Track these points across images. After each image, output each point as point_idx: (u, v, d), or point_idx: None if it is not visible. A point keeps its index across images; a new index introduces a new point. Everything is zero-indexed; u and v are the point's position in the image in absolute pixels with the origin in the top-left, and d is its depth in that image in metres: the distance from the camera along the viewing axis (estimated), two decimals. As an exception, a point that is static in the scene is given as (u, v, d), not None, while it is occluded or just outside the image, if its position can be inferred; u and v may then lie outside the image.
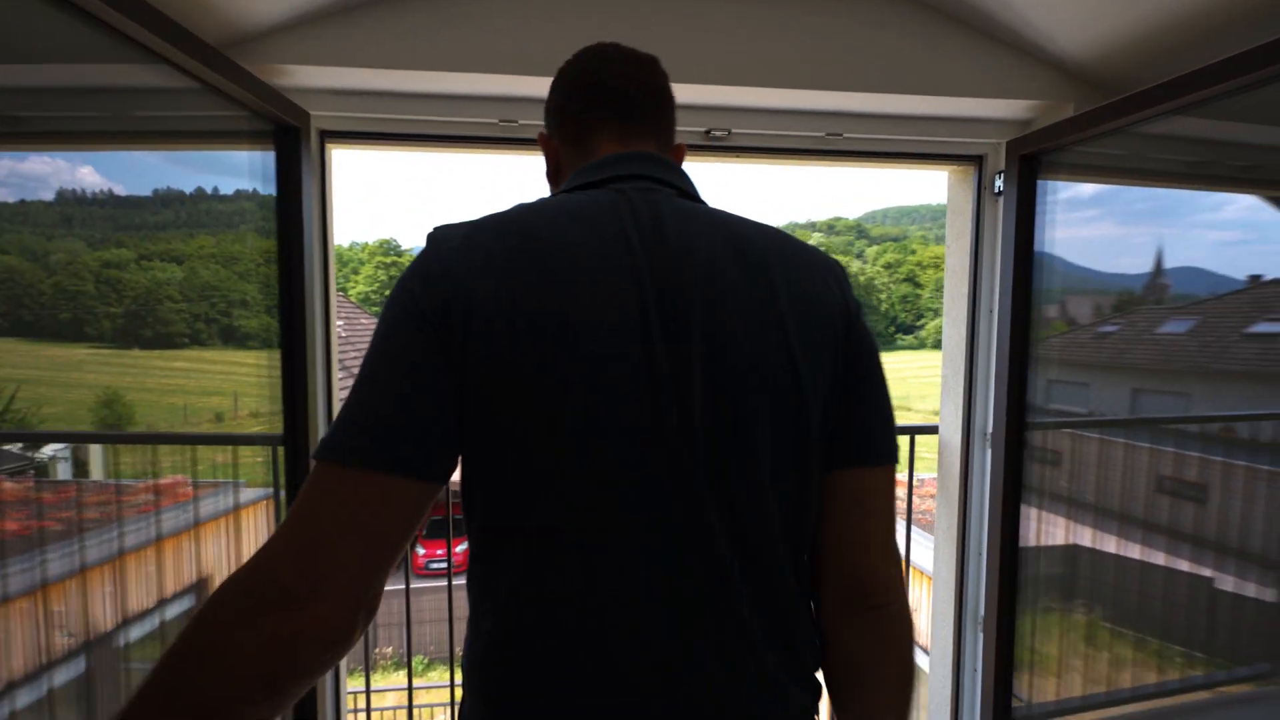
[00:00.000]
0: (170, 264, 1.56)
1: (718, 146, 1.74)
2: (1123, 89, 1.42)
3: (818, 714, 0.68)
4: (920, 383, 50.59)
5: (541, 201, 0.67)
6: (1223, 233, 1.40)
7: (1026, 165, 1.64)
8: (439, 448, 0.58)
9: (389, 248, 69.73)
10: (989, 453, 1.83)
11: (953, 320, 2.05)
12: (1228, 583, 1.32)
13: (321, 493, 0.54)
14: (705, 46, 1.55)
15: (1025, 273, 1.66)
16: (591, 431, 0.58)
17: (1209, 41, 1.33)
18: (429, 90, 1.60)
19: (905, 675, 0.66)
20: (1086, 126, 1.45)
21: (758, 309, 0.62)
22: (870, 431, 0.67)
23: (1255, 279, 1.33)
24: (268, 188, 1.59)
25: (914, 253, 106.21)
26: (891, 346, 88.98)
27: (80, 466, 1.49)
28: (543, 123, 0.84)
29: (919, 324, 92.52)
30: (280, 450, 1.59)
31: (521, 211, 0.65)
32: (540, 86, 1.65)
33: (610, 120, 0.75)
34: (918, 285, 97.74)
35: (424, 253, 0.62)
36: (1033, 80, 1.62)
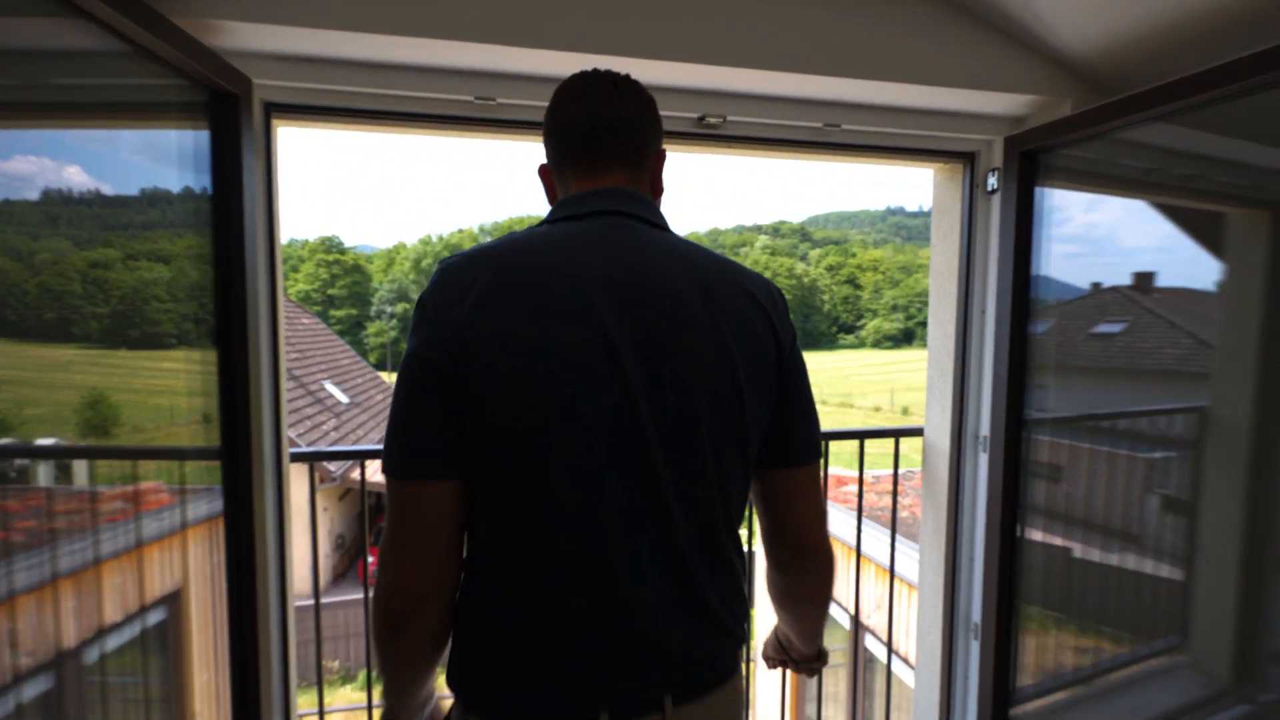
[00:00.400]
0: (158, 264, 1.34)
1: (711, 135, 1.63)
2: (1124, 89, 1.39)
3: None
4: (861, 380, 52.42)
5: (529, 235, 0.79)
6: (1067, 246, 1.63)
7: (1026, 162, 1.60)
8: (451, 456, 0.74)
9: (331, 245, 66.94)
10: (984, 456, 1.79)
11: (939, 321, 2.01)
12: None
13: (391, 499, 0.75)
14: (702, 24, 1.43)
15: (1024, 272, 1.62)
16: (579, 444, 0.72)
17: (1221, 41, 1.31)
18: (393, 60, 1.42)
19: (827, 597, 0.93)
20: (1091, 124, 1.41)
21: (711, 332, 0.75)
22: (803, 442, 0.85)
23: (1096, 286, 1.63)
24: (201, 178, 1.36)
25: (854, 256, 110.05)
26: (834, 345, 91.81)
27: (62, 472, 1.23)
28: (524, 102, 1.05)
29: (859, 324, 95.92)
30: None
31: (513, 248, 0.77)
32: (522, 60, 1.52)
33: (576, 158, 0.85)
34: (858, 287, 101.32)
35: (428, 304, 0.75)
36: (1031, 74, 1.58)
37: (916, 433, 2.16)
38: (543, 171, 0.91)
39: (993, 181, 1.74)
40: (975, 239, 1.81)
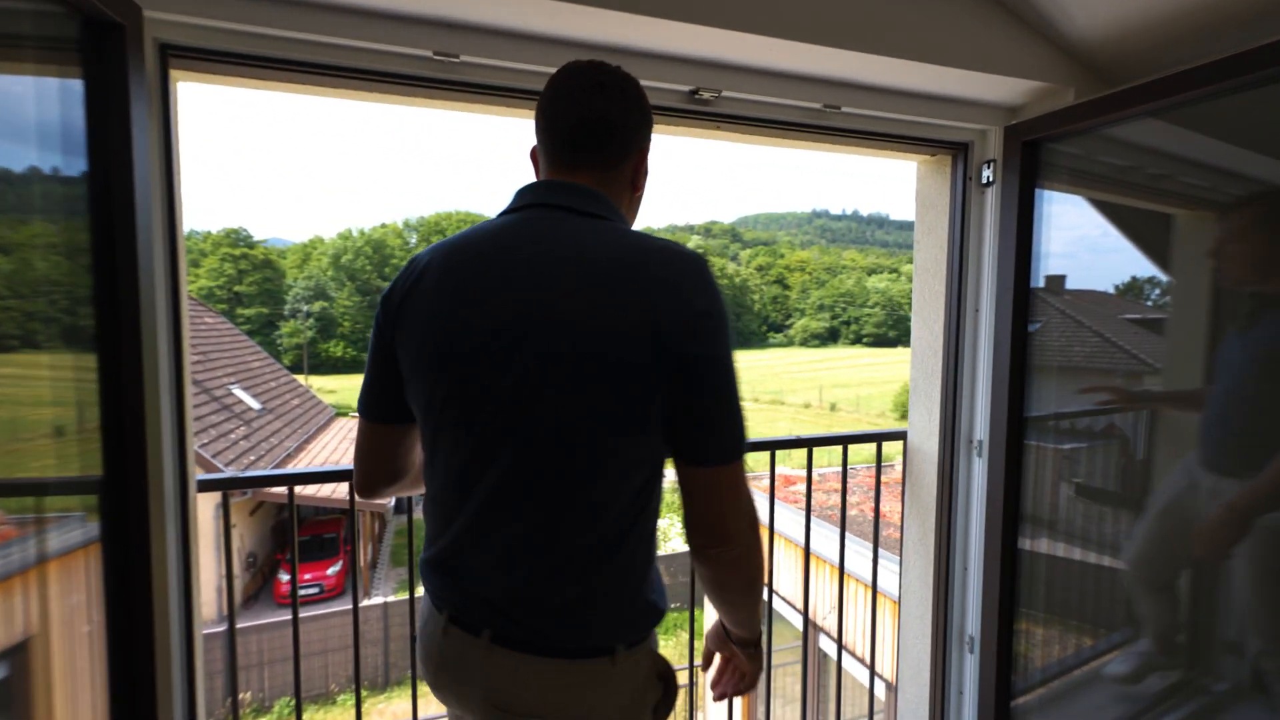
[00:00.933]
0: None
1: (703, 114, 1.46)
2: (1129, 80, 1.33)
3: (642, 628, 0.88)
4: (791, 378, 54.12)
5: (480, 224, 0.87)
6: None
7: (1028, 153, 1.52)
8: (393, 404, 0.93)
9: (239, 238, 62.27)
10: (978, 461, 1.72)
11: (924, 320, 1.93)
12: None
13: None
14: (699, -19, 1.25)
15: (1025, 269, 1.55)
16: (465, 404, 0.82)
17: (1236, 31, 1.26)
18: (330, 0, 1.16)
19: (748, 586, 0.90)
20: (1102, 112, 1.34)
21: (591, 319, 0.77)
22: (716, 444, 0.82)
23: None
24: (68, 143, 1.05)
25: (783, 257, 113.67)
26: (764, 344, 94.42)
27: None
28: (492, 63, 1.11)
29: (788, 323, 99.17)
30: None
31: (462, 235, 0.87)
32: (494, 10, 1.29)
33: (554, 155, 0.89)
34: (786, 287, 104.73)
35: (394, 280, 0.90)
36: (1036, 59, 1.50)
37: (898, 436, 2.07)
38: (533, 154, 0.95)
39: (988, 174, 1.66)
40: (968, 234, 1.73)
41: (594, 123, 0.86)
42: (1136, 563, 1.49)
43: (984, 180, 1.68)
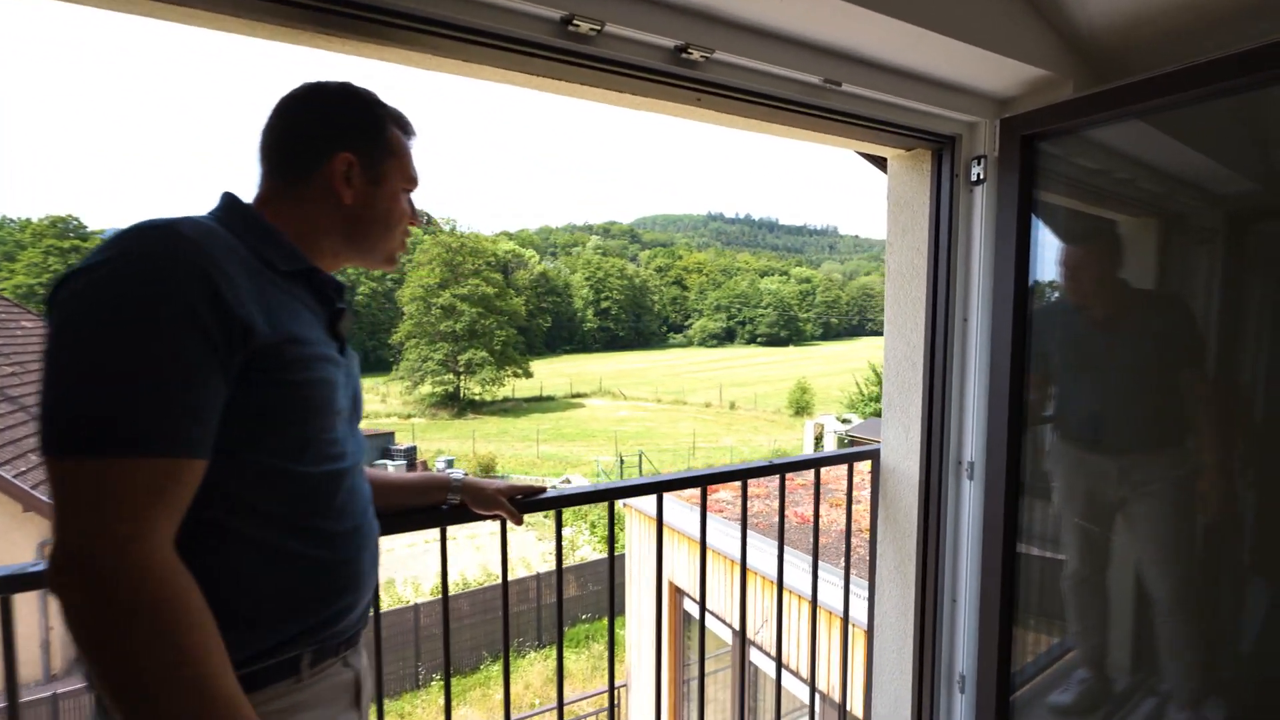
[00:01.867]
0: None
1: (688, 81, 1.18)
2: (1134, 73, 1.22)
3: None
4: (691, 378, 55.36)
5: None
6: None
7: (1027, 149, 1.39)
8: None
9: (67, 227, 53.91)
10: (968, 484, 1.58)
11: (899, 330, 1.78)
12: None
13: None
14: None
15: (1024, 275, 1.42)
16: None
17: (1250, 23, 1.17)
18: None
19: (96, 659, 0.59)
20: (1117, 103, 1.22)
21: None
22: (39, 425, 0.64)
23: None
24: None
25: (681, 258, 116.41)
26: (665, 345, 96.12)
27: None
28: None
29: (687, 323, 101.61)
30: None
31: None
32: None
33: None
34: (685, 288, 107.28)
35: None
36: (1037, 44, 1.36)
37: (867, 456, 1.92)
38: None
39: (978, 171, 1.52)
40: (955, 237, 1.59)
41: (264, 135, 0.87)
42: (1069, 575, 1.43)
43: (974, 178, 1.54)
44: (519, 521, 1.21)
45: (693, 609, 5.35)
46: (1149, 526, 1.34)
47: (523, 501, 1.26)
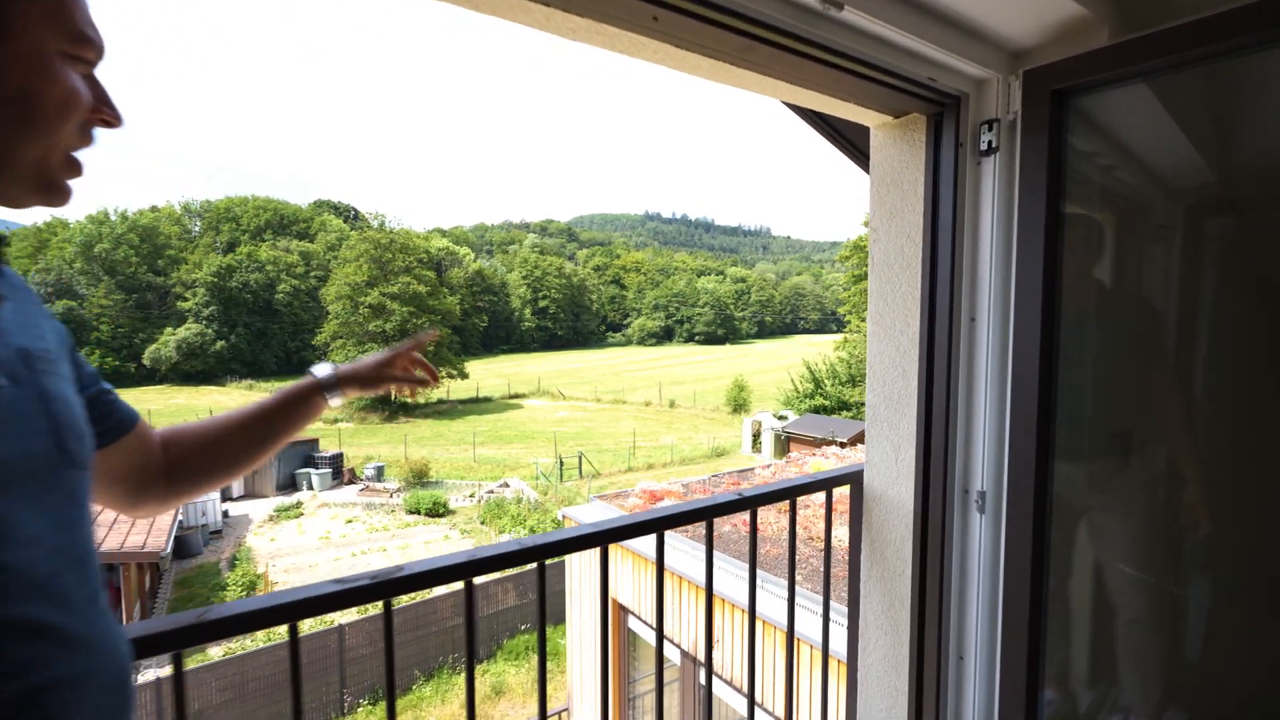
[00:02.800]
0: None
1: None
2: (1175, 18, 0.97)
3: None
4: (631, 376, 55.20)
5: None
6: None
7: (1059, 105, 1.12)
8: None
9: None
10: (980, 519, 1.30)
11: (886, 332, 1.50)
12: None
13: None
14: None
15: (1054, 262, 1.15)
16: None
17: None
18: None
19: None
20: (1167, 50, 0.96)
21: None
22: None
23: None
24: None
25: (619, 257, 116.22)
26: (603, 343, 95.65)
27: None
28: None
29: (625, 322, 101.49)
30: None
31: None
32: None
33: None
34: (623, 287, 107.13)
35: None
36: (1072, -21, 1.10)
37: (846, 480, 1.63)
38: None
39: (989, 138, 1.25)
40: (961, 219, 1.31)
41: None
42: (1121, 628, 1.19)
43: (983, 146, 1.26)
44: (434, 380, 1.08)
45: (637, 627, 5.03)
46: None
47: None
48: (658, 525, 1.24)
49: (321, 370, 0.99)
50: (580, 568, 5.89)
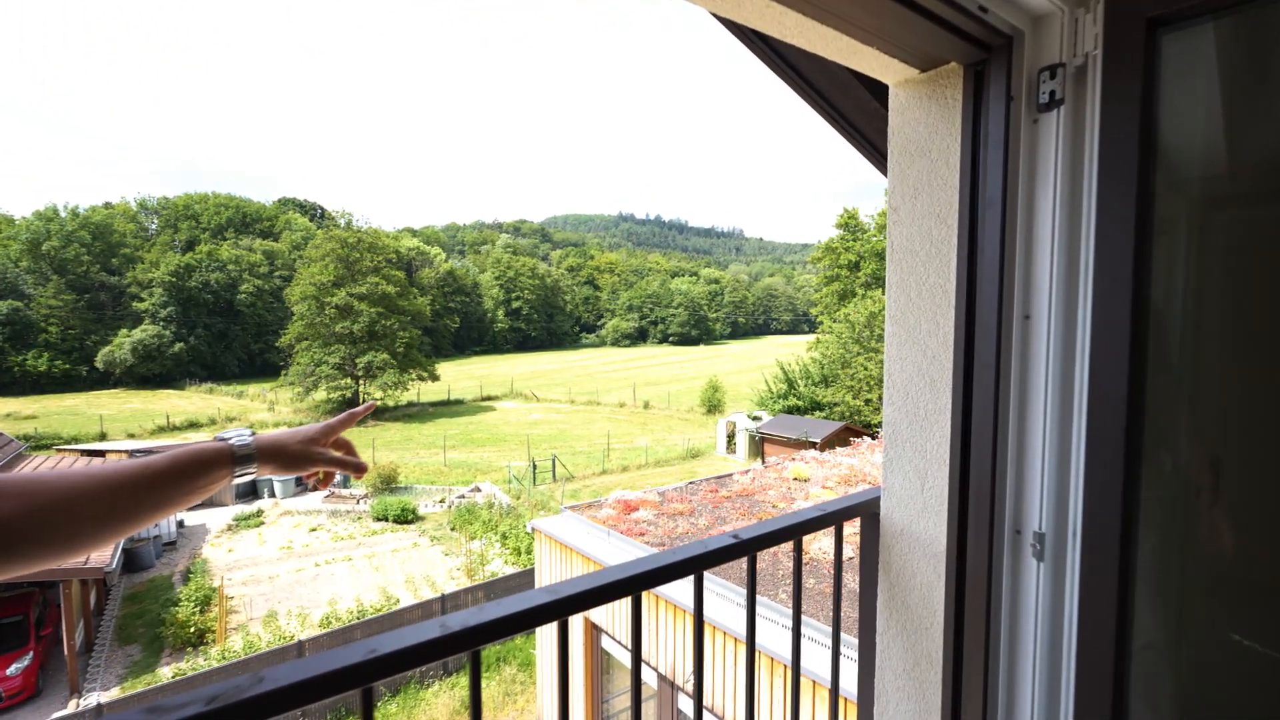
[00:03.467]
0: None
1: None
2: None
3: None
4: (605, 378, 54.81)
5: None
6: None
7: (1154, 38, 0.86)
8: None
9: None
10: (1037, 568, 1.04)
11: (908, 333, 1.23)
12: None
13: None
14: None
15: (1146, 240, 0.89)
16: None
17: None
18: None
19: None
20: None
21: None
22: None
23: None
24: None
25: (592, 258, 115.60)
26: (577, 344, 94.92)
27: None
28: None
29: (599, 323, 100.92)
30: None
31: None
32: None
33: None
34: (597, 288, 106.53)
35: None
36: None
37: (857, 512, 1.35)
38: None
39: (1051, 88, 0.99)
40: (1012, 192, 1.04)
41: None
42: None
43: (1042, 99, 1.00)
44: (360, 472, 0.93)
45: (611, 647, 4.73)
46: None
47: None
48: (634, 585, 0.95)
49: (237, 437, 0.83)
50: (549, 562, 5.57)
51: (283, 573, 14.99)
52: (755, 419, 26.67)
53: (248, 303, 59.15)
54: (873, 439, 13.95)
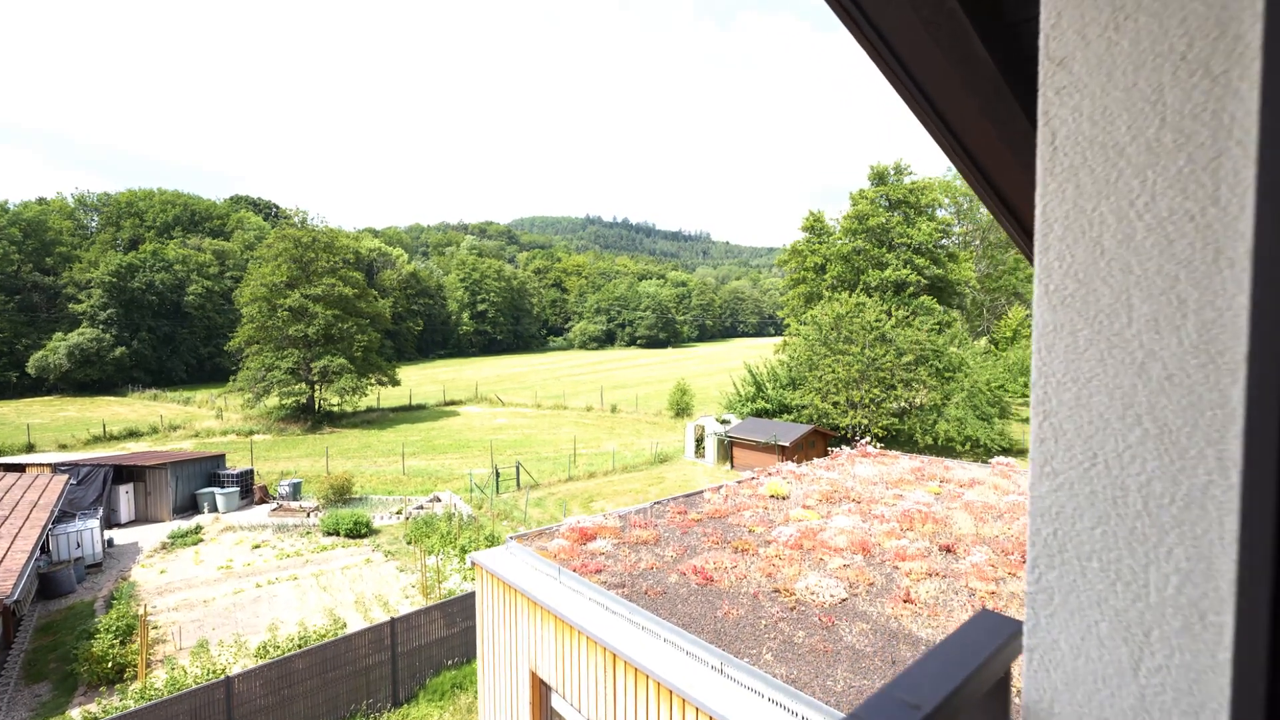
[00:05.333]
0: None
1: None
2: None
3: None
4: (573, 381, 53.90)
5: None
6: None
7: None
8: None
9: None
10: None
11: (1095, 330, 0.63)
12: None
13: None
14: None
15: None
16: None
17: None
18: None
19: None
20: None
21: None
22: None
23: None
24: None
25: (560, 260, 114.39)
26: (545, 347, 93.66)
27: None
28: None
29: (567, 326, 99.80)
30: None
31: None
32: None
33: None
34: (564, 290, 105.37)
35: None
36: None
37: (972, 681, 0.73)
38: None
39: None
40: None
41: None
42: None
43: None
44: None
45: (561, 707, 4.03)
46: None
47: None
48: None
49: None
50: (491, 626, 4.86)
51: (219, 595, 13.82)
52: (724, 422, 26.20)
53: (196, 305, 56.44)
54: (848, 445, 13.49)
